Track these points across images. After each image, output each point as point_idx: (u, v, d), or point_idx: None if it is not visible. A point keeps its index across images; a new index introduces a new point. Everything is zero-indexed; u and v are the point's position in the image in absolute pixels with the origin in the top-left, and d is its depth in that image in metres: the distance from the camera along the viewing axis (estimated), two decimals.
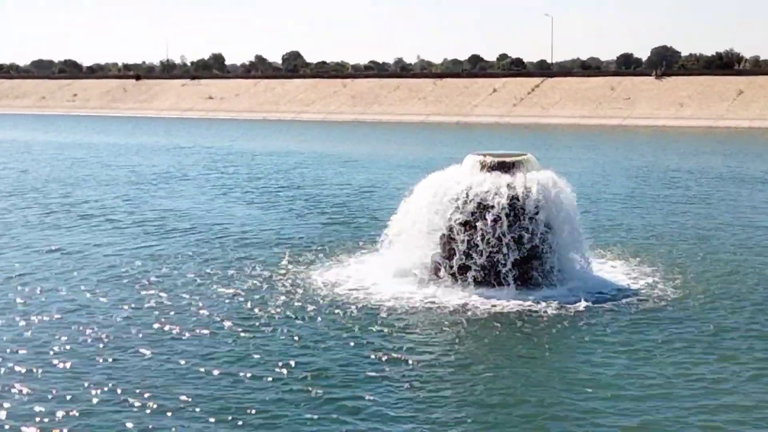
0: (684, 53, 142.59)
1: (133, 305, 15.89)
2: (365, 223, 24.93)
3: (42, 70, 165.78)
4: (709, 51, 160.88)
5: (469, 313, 15.44)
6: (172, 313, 15.37)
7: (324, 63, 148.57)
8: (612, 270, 18.67)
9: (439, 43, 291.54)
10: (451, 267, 16.89)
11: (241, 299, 16.26)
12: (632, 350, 13.41)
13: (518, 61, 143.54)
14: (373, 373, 12.34)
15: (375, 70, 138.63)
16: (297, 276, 18.11)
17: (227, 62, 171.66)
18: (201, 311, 15.45)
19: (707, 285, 17.46)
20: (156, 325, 14.56)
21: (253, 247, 21.31)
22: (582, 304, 15.77)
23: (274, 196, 31.18)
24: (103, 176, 37.97)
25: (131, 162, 45.40)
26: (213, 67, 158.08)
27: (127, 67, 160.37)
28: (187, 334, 14.10)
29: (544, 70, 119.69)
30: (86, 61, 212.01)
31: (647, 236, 23.09)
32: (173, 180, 36.71)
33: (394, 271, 17.51)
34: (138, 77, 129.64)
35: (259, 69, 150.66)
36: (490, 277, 16.67)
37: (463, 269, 16.80)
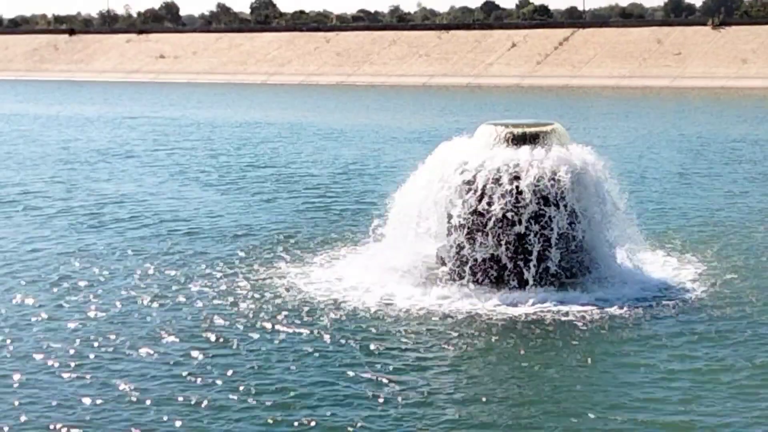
0: None
1: (56, 315, 15.75)
2: (352, 210, 24.88)
3: None
4: None
5: (482, 319, 15.41)
6: (106, 324, 15.21)
7: (302, 13, 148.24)
8: (660, 265, 18.60)
9: None
10: (460, 263, 16.83)
11: (197, 306, 16.13)
12: (677, 366, 13.35)
13: (543, 9, 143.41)
14: (362, 395, 12.25)
15: (366, 22, 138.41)
16: (265, 276, 18.02)
17: (182, 13, 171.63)
18: (145, 322, 15.31)
19: (761, 280, 17.50)
20: (85, 340, 14.40)
21: (211, 241, 21.20)
22: (619, 308, 15.74)
23: (239, 178, 31.10)
24: (27, 154, 37.79)
25: (63, 136, 45.23)
26: (165, 19, 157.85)
27: (58, 19, 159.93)
28: (127, 351, 13.95)
29: (574, 19, 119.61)
30: (7, 13, 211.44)
31: (703, 223, 22.98)
32: (114, 158, 36.56)
33: (388, 269, 17.48)
34: (72, 32, 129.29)
35: (221, 21, 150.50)
36: (507, 275, 16.60)
37: (474, 266, 16.72)
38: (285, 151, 38.47)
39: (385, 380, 12.81)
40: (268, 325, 15.09)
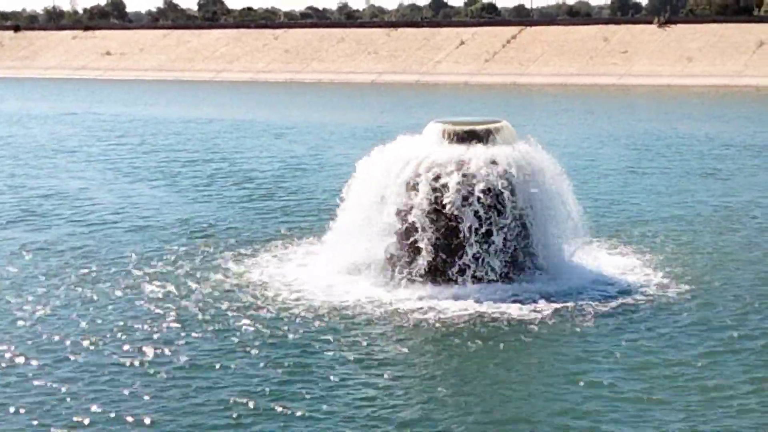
0: None
1: None
2: (301, 208, 24.82)
3: None
4: None
5: (429, 316, 15.45)
6: (32, 337, 14.83)
7: (250, 10, 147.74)
8: (608, 260, 18.73)
9: None
10: (410, 262, 16.79)
11: (143, 304, 15.96)
12: (622, 356, 13.50)
13: (491, 7, 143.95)
14: (308, 395, 12.18)
15: (314, 19, 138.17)
16: (212, 273, 17.93)
17: (129, 9, 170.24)
18: (80, 328, 15.12)
19: (720, 276, 17.79)
20: (19, 340, 14.23)
21: (155, 240, 21.08)
22: (569, 303, 15.89)
23: (186, 174, 30.92)
24: None
25: (4, 132, 44.65)
26: (111, 16, 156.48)
27: (3, 16, 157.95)
28: (64, 351, 13.75)
29: (522, 17, 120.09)
30: None
31: (650, 218, 23.24)
32: (58, 155, 36.18)
33: (338, 267, 17.51)
34: (17, 28, 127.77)
35: (169, 17, 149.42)
36: (456, 273, 16.61)
37: (424, 264, 16.71)
38: (233, 148, 38.24)
39: (328, 378, 12.77)
40: (212, 324, 15.03)
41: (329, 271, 17.57)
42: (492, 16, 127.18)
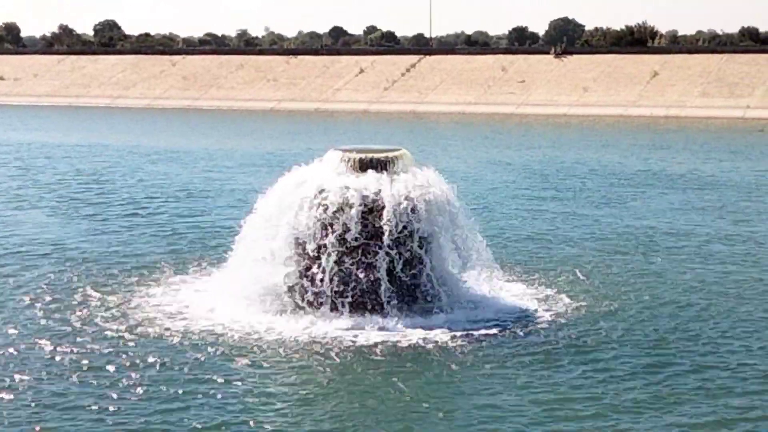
0: (588, 27, 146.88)
1: None
2: (198, 236, 24.61)
3: None
4: (617, 25, 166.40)
5: (325, 346, 15.46)
6: None
7: (148, 36, 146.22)
8: (506, 288, 18.93)
9: (292, 12, 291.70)
10: (306, 291, 16.79)
11: (31, 342, 15.69)
12: (514, 381, 13.70)
13: (390, 36, 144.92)
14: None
15: (212, 45, 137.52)
16: (102, 302, 17.69)
17: (23, 34, 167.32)
18: None
19: (619, 300, 18.24)
20: None
21: (33, 267, 20.68)
22: (465, 332, 16.04)
23: (76, 202, 30.41)
24: None
25: None
26: (5, 40, 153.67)
27: None
28: None
29: (421, 46, 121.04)
30: None
31: (551, 244, 23.59)
32: None
33: (233, 295, 17.35)
34: None
35: (64, 43, 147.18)
36: (354, 301, 16.63)
37: (320, 293, 16.72)
38: (127, 175, 37.76)
39: (221, 414, 12.69)
40: (102, 357, 14.79)
41: (227, 300, 17.42)
42: (391, 45, 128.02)
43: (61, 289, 18.89)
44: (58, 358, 14.69)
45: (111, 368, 14.22)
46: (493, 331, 16.26)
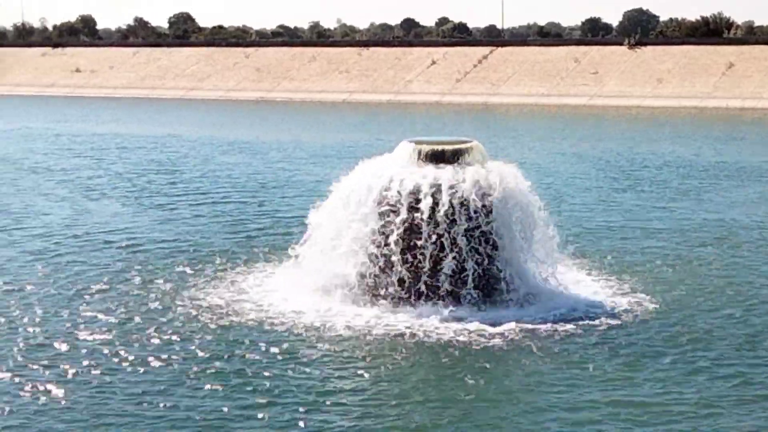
0: (663, 18, 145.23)
1: None
2: (268, 227, 24.68)
3: None
4: (692, 15, 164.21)
5: (400, 337, 15.37)
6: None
7: (221, 28, 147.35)
8: (581, 282, 18.70)
9: (364, 5, 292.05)
10: (379, 282, 16.72)
11: (112, 324, 15.80)
12: (593, 377, 13.46)
13: (462, 27, 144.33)
14: (279, 420, 12.03)
15: (285, 37, 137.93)
16: (179, 295, 17.78)
17: (99, 26, 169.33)
18: (51, 351, 14.92)
19: (693, 298, 17.77)
20: None
21: (116, 258, 20.89)
22: (542, 325, 15.84)
23: (154, 193, 30.69)
24: None
25: None
26: (81, 33, 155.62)
27: None
28: (26, 368, 13.58)
29: (493, 38, 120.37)
30: None
31: (624, 237, 23.24)
32: (24, 172, 35.89)
33: (309, 287, 17.39)
34: None
35: (139, 35, 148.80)
36: (426, 293, 16.53)
37: (393, 284, 16.66)
38: (203, 167, 38.03)
39: (302, 406, 12.66)
40: (183, 345, 14.85)
41: (299, 290, 17.44)
42: (463, 36, 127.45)
43: (132, 278, 19.04)
44: (134, 346, 14.78)
45: (182, 356, 14.27)
46: (569, 325, 16.02)
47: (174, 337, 15.24)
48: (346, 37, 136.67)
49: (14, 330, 15.71)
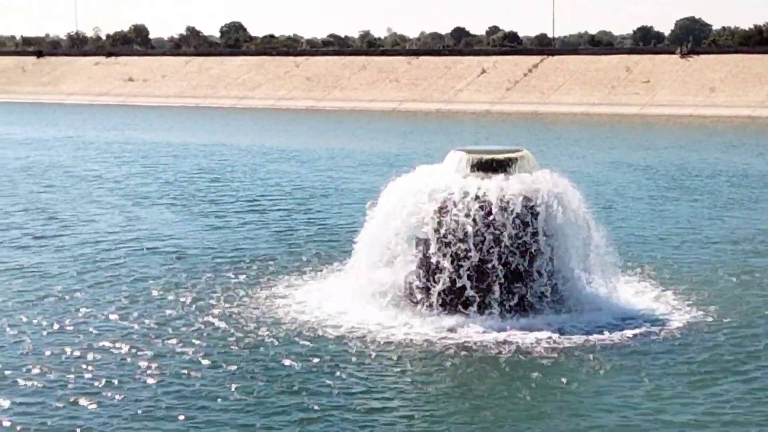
0: (715, 27, 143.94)
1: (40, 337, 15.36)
2: (319, 235, 24.65)
3: None
4: (745, 24, 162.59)
5: (448, 346, 15.23)
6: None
7: (272, 37, 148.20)
8: (632, 292, 18.43)
9: (415, 14, 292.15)
10: (428, 290, 16.62)
11: (157, 334, 15.76)
12: (642, 395, 13.17)
13: (512, 36, 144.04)
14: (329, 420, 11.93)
15: (336, 46, 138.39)
16: (232, 301, 17.73)
17: (152, 36, 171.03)
18: (111, 351, 14.91)
19: (750, 310, 17.41)
20: (61, 364, 14.02)
21: (167, 265, 20.92)
22: (590, 336, 15.64)
23: (203, 201, 30.76)
24: None
25: (23, 155, 44.64)
26: (134, 42, 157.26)
27: (26, 41, 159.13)
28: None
29: (544, 46, 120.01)
30: None
31: (676, 248, 22.92)
32: (77, 180, 36.12)
33: (356, 295, 17.28)
34: (40, 54, 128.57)
35: (191, 44, 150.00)
36: (475, 303, 16.39)
37: (442, 293, 16.53)
38: (254, 175, 38.11)
39: (348, 409, 12.52)
40: (226, 354, 14.76)
41: (346, 298, 17.36)
42: (513, 45, 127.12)
43: (177, 285, 19.04)
44: (187, 354, 14.71)
45: (225, 365, 14.17)
46: (619, 335, 15.75)
47: (217, 346, 15.15)
48: (397, 46, 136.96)
49: (57, 335, 15.71)
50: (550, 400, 12.98)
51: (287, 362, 14.32)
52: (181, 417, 12.29)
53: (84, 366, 14.17)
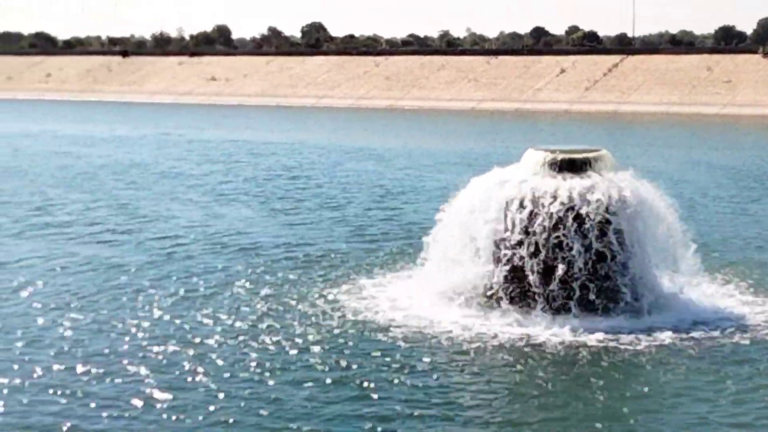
0: None
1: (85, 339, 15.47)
2: (393, 232, 24.56)
3: (8, 44, 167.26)
4: None
5: (523, 345, 15.05)
6: (158, 337, 14.91)
7: (352, 37, 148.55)
8: (713, 293, 18.04)
9: (493, 13, 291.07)
10: (504, 289, 16.47)
11: (244, 327, 15.79)
12: (723, 394, 12.87)
13: (592, 35, 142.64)
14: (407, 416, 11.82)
15: (415, 46, 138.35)
16: (311, 298, 17.70)
17: (234, 36, 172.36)
18: (185, 348, 14.96)
19: None
20: (153, 357, 14.12)
21: (247, 261, 20.93)
22: (669, 338, 15.30)
23: (282, 198, 30.87)
24: (78, 171, 37.75)
25: (105, 153, 45.21)
26: (217, 42, 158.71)
27: (112, 41, 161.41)
28: (173, 363, 13.61)
29: (623, 46, 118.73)
30: (62, 34, 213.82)
31: (759, 249, 22.47)
32: (155, 178, 36.46)
33: (432, 293, 17.18)
34: (125, 54, 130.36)
35: (272, 44, 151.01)
36: (552, 303, 16.20)
37: (518, 292, 16.39)
38: (333, 173, 38.15)
39: (426, 409, 12.38)
40: (302, 351, 14.71)
41: (422, 296, 17.22)
42: (593, 45, 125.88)
43: (254, 281, 19.06)
44: (259, 353, 14.66)
45: (301, 362, 14.11)
46: (700, 337, 15.38)
47: (294, 342, 15.11)
48: (476, 46, 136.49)
49: (135, 329, 15.80)
50: (629, 403, 12.71)
51: (360, 362, 14.21)
52: (251, 420, 12.24)
53: (160, 362, 14.22)
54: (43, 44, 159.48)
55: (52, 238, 23.92)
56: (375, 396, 12.87)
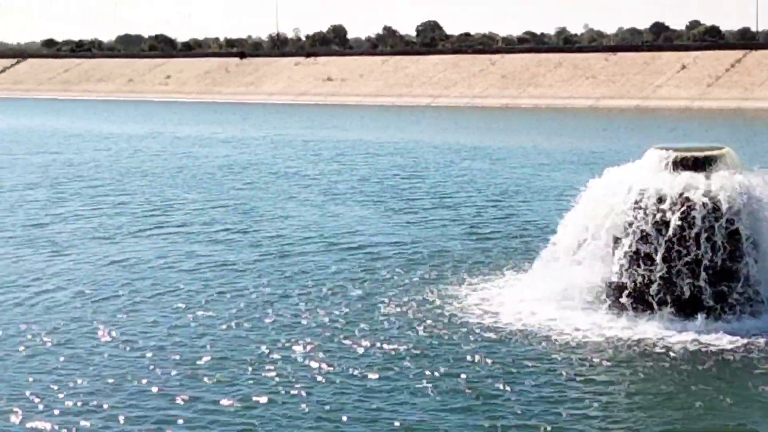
0: None
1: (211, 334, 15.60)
2: (509, 232, 24.31)
3: (129, 47, 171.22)
4: None
5: (638, 350, 14.71)
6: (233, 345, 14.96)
7: (468, 35, 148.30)
8: None
9: (612, 9, 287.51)
10: (626, 291, 16.16)
11: (353, 324, 15.76)
12: None
13: (713, 30, 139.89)
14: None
15: (531, 44, 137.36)
16: (419, 299, 17.59)
17: (349, 36, 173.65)
18: (294, 347, 14.96)
19: None
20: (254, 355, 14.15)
21: (361, 261, 20.94)
22: None
23: (396, 198, 30.87)
24: (193, 172, 38.27)
25: (223, 154, 45.77)
26: (332, 42, 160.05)
27: (229, 43, 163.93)
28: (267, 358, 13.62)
29: (747, 40, 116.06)
30: (181, 37, 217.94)
31: None
32: (270, 177, 36.77)
33: (552, 294, 16.94)
34: (243, 55, 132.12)
35: (387, 44, 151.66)
36: (672, 305, 15.82)
37: (641, 293, 16.03)
38: (448, 173, 38.03)
39: (547, 412, 12.17)
40: (415, 353, 14.57)
41: (539, 297, 16.99)
42: (715, 40, 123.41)
43: (367, 280, 19.05)
44: (366, 354, 14.58)
45: (413, 363, 13.96)
46: None
47: (405, 343, 14.99)
48: (593, 43, 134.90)
49: (240, 329, 15.91)
50: (751, 409, 12.31)
51: (471, 365, 14.01)
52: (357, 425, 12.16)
53: (265, 361, 14.26)
54: (163, 46, 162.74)
55: (170, 237, 24.27)
56: (477, 401, 12.66)
